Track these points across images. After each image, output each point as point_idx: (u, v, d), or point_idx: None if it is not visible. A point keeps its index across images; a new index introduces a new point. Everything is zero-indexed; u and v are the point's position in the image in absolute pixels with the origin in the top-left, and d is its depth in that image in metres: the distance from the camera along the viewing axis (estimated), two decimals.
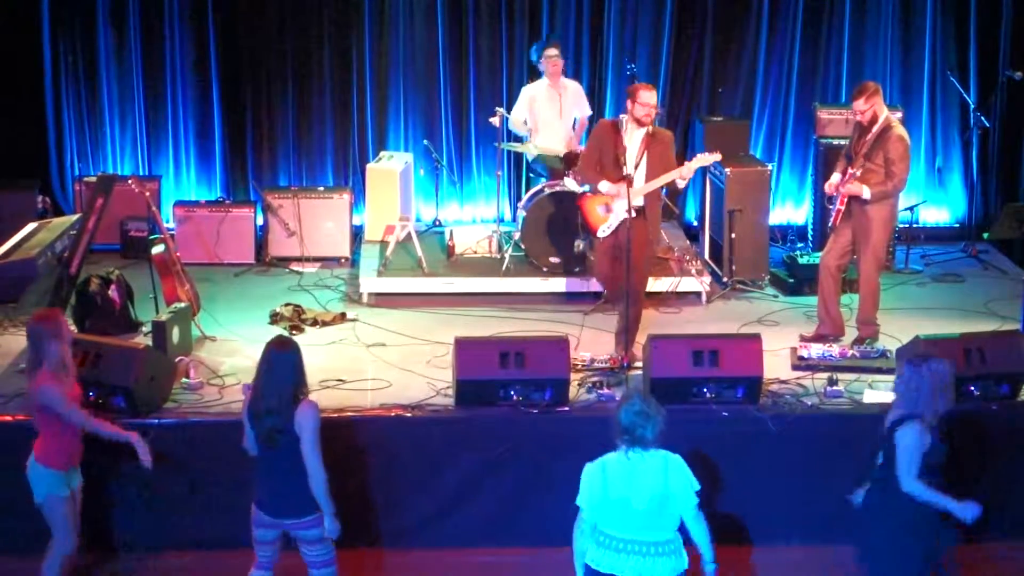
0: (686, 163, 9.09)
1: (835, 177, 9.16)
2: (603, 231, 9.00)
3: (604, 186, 8.83)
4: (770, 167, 11.16)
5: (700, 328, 9.57)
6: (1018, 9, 12.19)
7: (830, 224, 9.28)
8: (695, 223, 12.14)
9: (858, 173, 8.95)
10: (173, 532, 7.91)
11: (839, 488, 7.98)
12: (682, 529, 6.07)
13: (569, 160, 11.07)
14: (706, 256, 11.29)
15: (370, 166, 11.81)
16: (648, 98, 8.84)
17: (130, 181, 10.07)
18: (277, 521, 6.47)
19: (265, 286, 10.92)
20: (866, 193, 8.94)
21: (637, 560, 5.95)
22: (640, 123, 8.86)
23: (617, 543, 5.98)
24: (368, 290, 10.46)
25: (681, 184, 9.50)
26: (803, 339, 9.30)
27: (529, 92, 11.29)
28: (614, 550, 5.98)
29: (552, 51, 11.11)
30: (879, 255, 9.23)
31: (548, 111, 11.18)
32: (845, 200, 9.06)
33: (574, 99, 11.32)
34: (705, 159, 9.17)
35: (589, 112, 11.48)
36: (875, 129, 8.99)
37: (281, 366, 6.35)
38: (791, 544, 7.99)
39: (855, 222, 9.11)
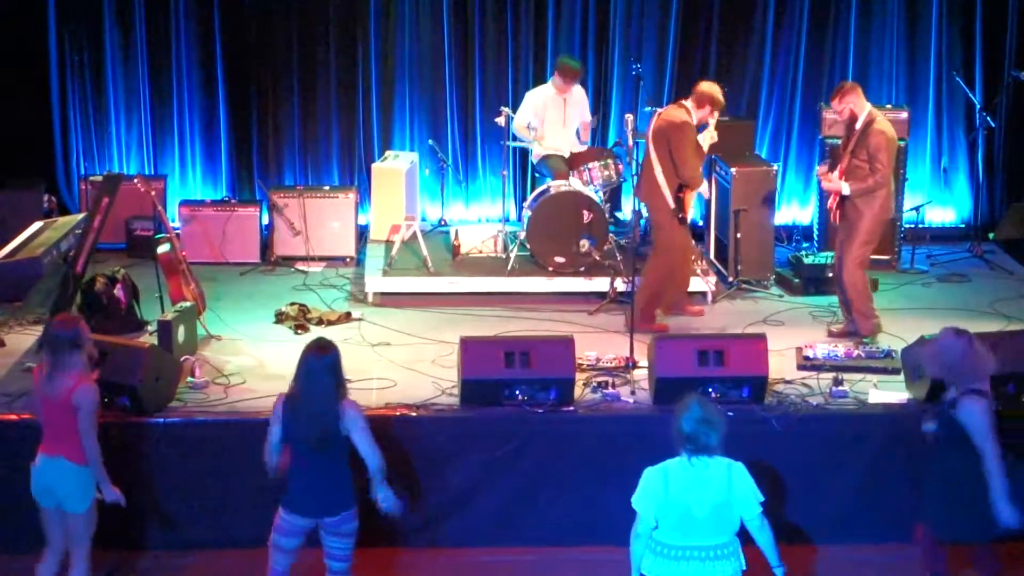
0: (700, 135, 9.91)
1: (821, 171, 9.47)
2: (691, 214, 9.93)
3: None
4: (775, 167, 11.16)
5: (705, 328, 9.58)
6: None
7: (832, 221, 9.49)
8: (700, 223, 12.13)
9: (840, 167, 9.18)
10: (178, 531, 7.91)
11: (842, 488, 8.03)
12: (741, 532, 5.99)
13: (573, 162, 11.08)
14: (711, 256, 11.28)
15: (375, 165, 11.81)
16: None
17: (136, 180, 10.07)
18: (314, 521, 6.47)
19: (270, 285, 10.93)
20: (845, 189, 9.15)
21: (696, 565, 5.85)
22: (704, 124, 9.76)
23: (676, 551, 5.87)
24: (373, 289, 10.46)
25: None
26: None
27: (533, 97, 11.29)
28: (672, 559, 5.87)
29: (572, 75, 11.09)
30: (863, 250, 9.28)
31: (553, 116, 11.19)
32: (836, 198, 9.22)
33: (578, 105, 11.33)
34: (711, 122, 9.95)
35: (590, 117, 11.50)
36: (858, 126, 9.13)
37: (320, 371, 6.35)
38: (794, 543, 7.98)
39: (846, 217, 9.23)
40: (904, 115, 11.41)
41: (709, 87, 9.66)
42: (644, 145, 9.78)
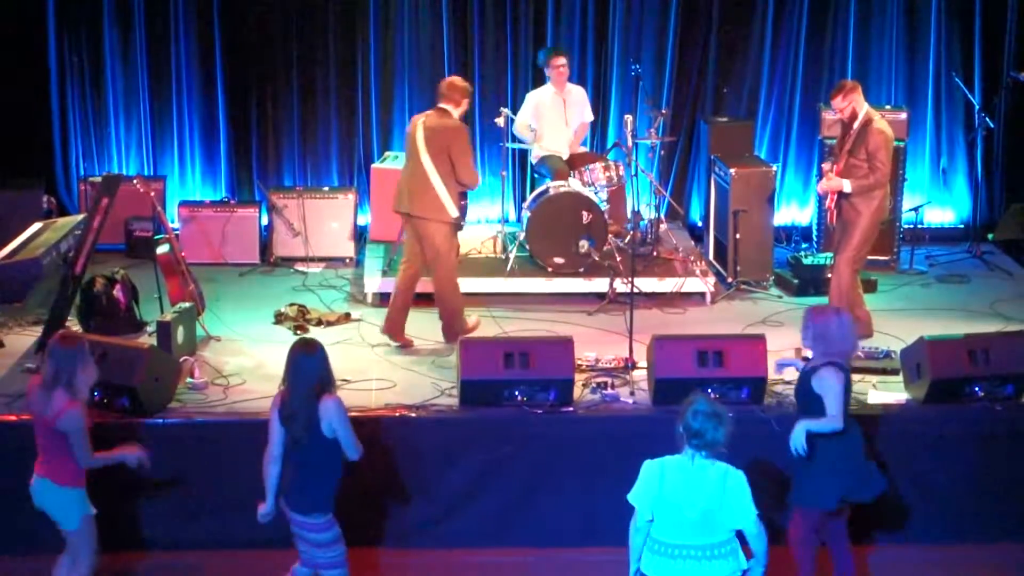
0: None
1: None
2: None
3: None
4: (775, 167, 11.16)
5: (705, 329, 9.57)
6: (1023, 10, 12.19)
7: (829, 223, 9.53)
8: (700, 224, 12.14)
9: (836, 167, 9.20)
10: (178, 532, 7.91)
11: None
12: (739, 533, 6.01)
13: (573, 163, 11.08)
14: (711, 257, 11.28)
15: (375, 166, 11.81)
16: None
17: (135, 181, 10.08)
18: (292, 514, 6.56)
19: (270, 286, 10.93)
20: (847, 187, 9.16)
21: (693, 564, 5.85)
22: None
23: (671, 549, 5.88)
24: (372, 290, 10.46)
25: None
26: None
27: (534, 98, 11.31)
28: (669, 556, 5.88)
29: (559, 59, 11.18)
30: (859, 252, 9.28)
31: (553, 117, 11.21)
32: (834, 198, 9.23)
33: (578, 105, 11.34)
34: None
35: (591, 117, 11.51)
36: (856, 125, 9.14)
37: (306, 369, 6.42)
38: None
39: (843, 217, 9.24)
40: (903, 115, 11.41)
41: (454, 79, 9.45)
42: (408, 158, 9.30)
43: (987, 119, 11.71)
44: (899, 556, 7.91)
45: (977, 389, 8.04)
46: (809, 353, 7.31)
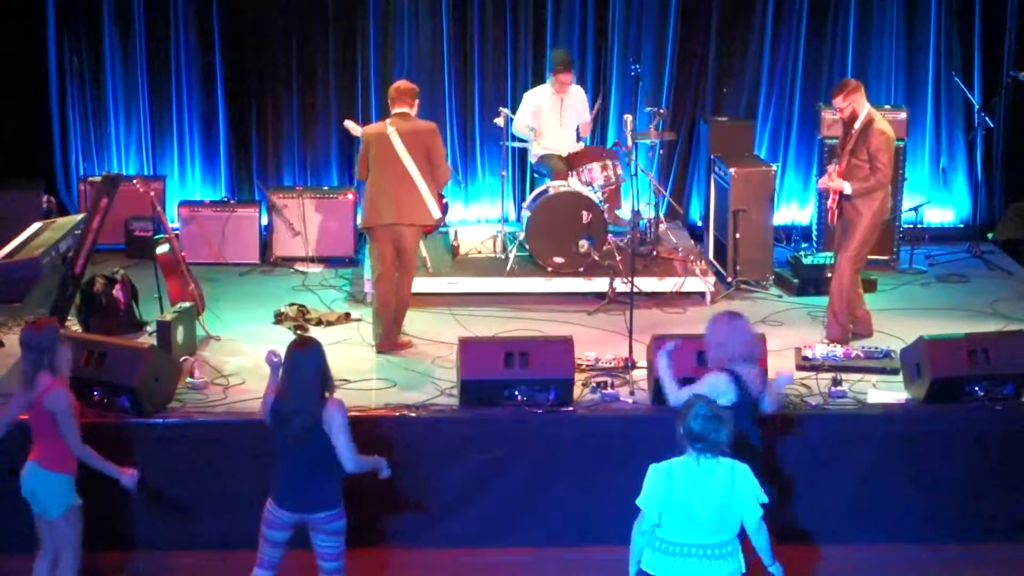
0: None
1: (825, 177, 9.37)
2: None
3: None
4: (774, 167, 11.16)
5: (704, 328, 9.56)
6: (1023, 10, 12.19)
7: (829, 223, 9.52)
8: (699, 223, 12.14)
9: (838, 167, 9.15)
10: (178, 531, 7.92)
11: (842, 488, 8.04)
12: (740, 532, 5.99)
13: (573, 162, 11.08)
14: (710, 256, 11.28)
15: None
16: None
17: (135, 181, 10.09)
18: (298, 516, 6.48)
19: (270, 286, 10.93)
20: (847, 188, 9.13)
21: (695, 563, 5.86)
22: None
23: (677, 548, 5.87)
24: (372, 290, 10.45)
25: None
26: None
27: (532, 97, 11.31)
28: (672, 555, 5.87)
29: (566, 76, 11.09)
30: (860, 251, 9.27)
31: (551, 116, 11.21)
32: (836, 198, 9.22)
33: (577, 105, 11.33)
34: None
35: (589, 118, 11.50)
36: (857, 125, 9.13)
37: (304, 366, 6.40)
38: (793, 544, 7.98)
39: (844, 216, 9.24)
40: (903, 115, 11.42)
41: (401, 83, 9.39)
42: (384, 167, 9.06)
43: (987, 119, 11.71)
44: (899, 555, 7.91)
45: (977, 389, 8.04)
46: None
